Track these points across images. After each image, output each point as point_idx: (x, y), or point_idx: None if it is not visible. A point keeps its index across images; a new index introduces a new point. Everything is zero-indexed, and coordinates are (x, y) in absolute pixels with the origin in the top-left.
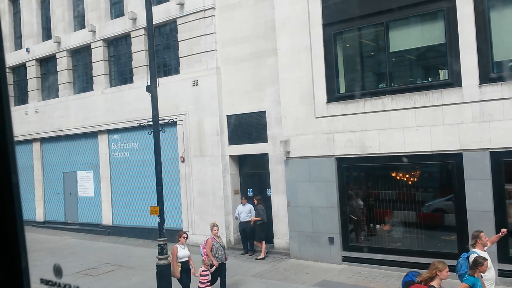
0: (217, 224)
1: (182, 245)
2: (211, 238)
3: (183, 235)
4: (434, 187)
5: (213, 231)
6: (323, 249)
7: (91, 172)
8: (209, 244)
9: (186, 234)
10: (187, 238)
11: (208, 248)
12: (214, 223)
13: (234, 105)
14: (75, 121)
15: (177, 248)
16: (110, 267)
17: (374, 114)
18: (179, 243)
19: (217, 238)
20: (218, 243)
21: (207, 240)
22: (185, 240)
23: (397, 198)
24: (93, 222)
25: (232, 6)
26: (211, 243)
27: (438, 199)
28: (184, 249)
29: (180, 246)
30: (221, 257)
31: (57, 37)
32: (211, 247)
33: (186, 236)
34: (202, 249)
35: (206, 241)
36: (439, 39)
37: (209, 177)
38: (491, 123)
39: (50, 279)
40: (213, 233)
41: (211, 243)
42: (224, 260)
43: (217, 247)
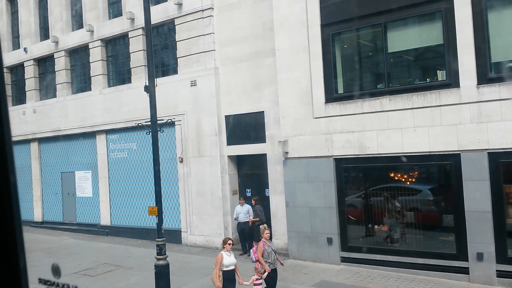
0: (268, 227)
1: (227, 252)
2: (262, 242)
3: (228, 242)
4: (432, 187)
5: (264, 235)
6: (322, 250)
7: (89, 172)
8: (261, 248)
9: (231, 241)
10: (232, 244)
11: (260, 253)
12: (265, 226)
13: (233, 105)
14: (73, 121)
15: (222, 255)
16: (109, 268)
17: (372, 115)
18: (224, 250)
19: (268, 242)
20: (270, 247)
21: (258, 245)
22: (231, 246)
23: (395, 198)
24: (91, 222)
25: (230, 6)
26: (262, 247)
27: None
28: (230, 256)
29: (226, 253)
30: (273, 262)
31: (55, 37)
32: (263, 251)
33: (232, 242)
34: (253, 254)
35: (257, 246)
36: (437, 39)
37: (208, 177)
38: (489, 123)
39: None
40: (264, 237)
41: (262, 248)
42: (278, 265)
43: (269, 251)
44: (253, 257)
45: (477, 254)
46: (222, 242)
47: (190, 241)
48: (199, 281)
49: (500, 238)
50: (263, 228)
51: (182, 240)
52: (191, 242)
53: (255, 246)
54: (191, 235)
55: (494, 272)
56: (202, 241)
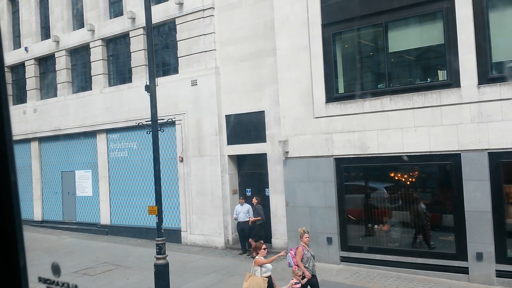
0: (307, 231)
1: (263, 258)
2: (301, 247)
3: (263, 247)
4: (433, 187)
5: (303, 239)
6: (321, 249)
7: (89, 172)
8: (300, 253)
9: (265, 245)
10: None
11: (299, 257)
12: (304, 230)
13: (233, 105)
14: (73, 121)
15: (260, 260)
16: (108, 267)
17: (373, 115)
18: (259, 255)
19: (307, 246)
20: (309, 252)
21: (297, 249)
22: (266, 251)
23: (395, 198)
24: (91, 221)
25: (231, 6)
26: (301, 251)
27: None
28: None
29: (262, 259)
30: (312, 268)
31: (56, 36)
32: (302, 256)
33: (265, 247)
34: (291, 259)
35: (296, 250)
36: (438, 39)
37: (208, 176)
38: (490, 123)
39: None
40: (303, 241)
41: (301, 252)
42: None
43: (308, 256)
44: (291, 262)
45: (477, 254)
46: (256, 248)
47: (190, 240)
48: (199, 280)
49: (500, 238)
50: (302, 232)
51: (182, 239)
52: (191, 241)
53: (293, 250)
54: (191, 235)
55: (493, 272)
56: (202, 241)
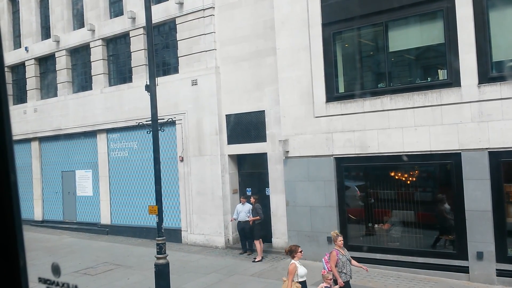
0: (340, 234)
1: (298, 261)
2: (335, 251)
3: (300, 250)
4: (433, 186)
5: (337, 242)
6: (322, 249)
7: (89, 171)
8: (334, 257)
9: (301, 248)
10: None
11: (333, 263)
12: (337, 232)
13: (233, 105)
14: (74, 120)
15: (295, 265)
16: (109, 267)
17: (373, 114)
18: (295, 259)
19: (342, 250)
20: (345, 256)
21: (331, 253)
22: (302, 254)
23: (396, 197)
24: (91, 221)
25: (231, 6)
26: (335, 256)
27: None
28: (301, 266)
29: (297, 263)
30: (349, 273)
31: (56, 36)
32: (336, 261)
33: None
34: (325, 264)
35: (330, 254)
36: (438, 39)
37: (208, 176)
38: (490, 123)
39: (49, 278)
40: (337, 244)
41: (335, 257)
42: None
43: (343, 261)
44: (325, 267)
45: (477, 253)
46: (291, 251)
47: (190, 240)
48: (199, 280)
49: (500, 237)
50: (335, 235)
51: (182, 239)
52: (191, 241)
53: (327, 255)
54: (191, 234)
55: (494, 271)
56: (202, 240)
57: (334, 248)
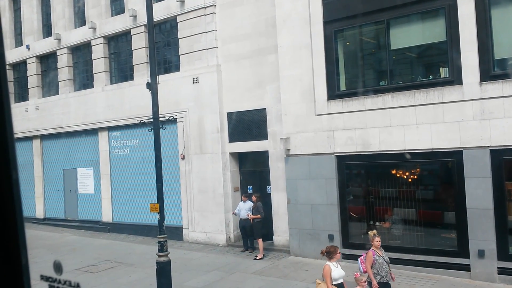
0: (378, 234)
1: (335, 263)
2: (372, 251)
3: (338, 251)
4: (434, 184)
5: (374, 242)
6: (323, 247)
7: (91, 169)
8: (370, 258)
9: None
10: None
11: (369, 264)
12: (374, 232)
13: (235, 103)
14: (75, 118)
15: (329, 267)
16: (110, 264)
17: (374, 112)
18: (331, 261)
19: (379, 251)
20: (381, 258)
21: (367, 254)
22: (340, 256)
23: (397, 195)
24: (93, 219)
25: (232, 3)
26: (372, 257)
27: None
28: (338, 268)
29: (333, 264)
30: (385, 275)
31: (57, 34)
32: (372, 262)
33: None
34: (360, 264)
35: (366, 255)
36: (440, 36)
37: (209, 174)
38: (492, 121)
39: (50, 276)
40: (374, 245)
41: (372, 257)
42: (390, 279)
43: (380, 262)
44: (361, 268)
45: (479, 251)
46: (330, 252)
47: (191, 238)
48: (201, 277)
49: (502, 235)
50: (372, 235)
51: (183, 237)
52: (192, 239)
53: (363, 255)
54: (193, 232)
55: (495, 269)
56: (203, 238)
57: (371, 248)
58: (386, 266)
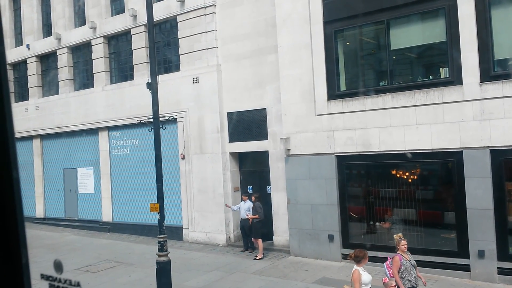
0: (404, 238)
1: (363, 268)
2: (398, 256)
3: (367, 255)
4: (434, 185)
5: (400, 246)
6: (323, 247)
7: (91, 169)
8: (397, 262)
9: (367, 253)
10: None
11: (395, 269)
12: (400, 236)
13: (235, 102)
14: (75, 118)
15: (358, 272)
16: (110, 264)
17: (374, 112)
18: (359, 265)
19: (406, 255)
20: (408, 262)
21: (394, 258)
22: (367, 260)
23: (397, 196)
24: (93, 219)
25: (232, 3)
26: (398, 261)
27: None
28: (366, 272)
29: (361, 269)
30: (414, 280)
31: (57, 33)
32: (399, 266)
33: (368, 256)
34: (386, 269)
35: (392, 259)
36: (440, 37)
37: (209, 174)
38: (492, 121)
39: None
40: (400, 249)
41: (398, 262)
42: (419, 283)
43: (406, 266)
44: (387, 273)
45: (478, 251)
46: (357, 257)
47: (191, 237)
48: (201, 277)
49: (502, 235)
50: (398, 238)
51: (183, 236)
52: (192, 239)
53: (389, 260)
54: (193, 232)
55: (495, 269)
56: (203, 238)
57: (397, 252)
58: (413, 270)
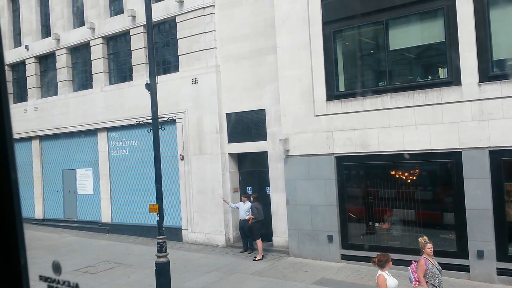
0: (430, 241)
1: (387, 272)
2: (424, 260)
3: (390, 259)
4: (434, 185)
5: (426, 249)
6: (322, 247)
7: (90, 170)
8: (422, 266)
9: (390, 257)
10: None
11: (421, 272)
12: (425, 239)
13: (234, 103)
14: (74, 119)
15: (383, 277)
16: (109, 265)
17: (373, 112)
18: (383, 270)
19: (431, 258)
20: (434, 266)
21: (419, 262)
22: (391, 264)
23: (396, 196)
24: (92, 220)
25: (231, 4)
26: (424, 265)
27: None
28: (391, 277)
29: (386, 273)
30: (439, 285)
31: (56, 34)
32: (425, 270)
33: (391, 260)
34: (411, 273)
35: (418, 263)
36: (438, 37)
37: (209, 175)
38: (491, 121)
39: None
40: (426, 253)
41: (424, 266)
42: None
43: (432, 271)
44: (411, 277)
45: (478, 252)
46: (380, 261)
47: (190, 238)
48: (200, 278)
49: (501, 236)
50: (423, 241)
51: (182, 237)
52: (191, 239)
53: (414, 264)
54: (192, 233)
55: (494, 270)
56: (202, 239)
57: (422, 256)
58: (439, 275)
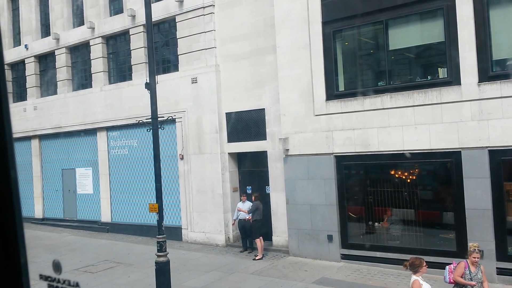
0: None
1: (421, 277)
2: (464, 262)
3: (424, 264)
4: (433, 185)
5: (471, 257)
6: (322, 247)
7: (90, 169)
8: (461, 268)
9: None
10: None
11: (457, 274)
12: (476, 246)
13: (233, 103)
14: (74, 118)
15: (419, 282)
16: (109, 264)
17: (373, 112)
18: (417, 274)
19: (473, 266)
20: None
21: (459, 263)
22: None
23: (396, 196)
24: (92, 219)
25: (231, 3)
26: (463, 268)
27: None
28: (426, 283)
29: (421, 279)
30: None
31: (56, 33)
32: (462, 274)
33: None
34: (448, 273)
35: (457, 264)
36: (438, 37)
37: (208, 174)
38: (490, 121)
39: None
40: (470, 259)
41: (463, 268)
42: None
43: (468, 277)
44: (446, 276)
45: None
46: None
47: (190, 238)
48: (200, 277)
49: (500, 235)
50: (471, 249)
51: (182, 237)
52: (191, 239)
53: (454, 264)
54: (192, 232)
55: (494, 269)
56: (202, 238)
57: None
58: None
